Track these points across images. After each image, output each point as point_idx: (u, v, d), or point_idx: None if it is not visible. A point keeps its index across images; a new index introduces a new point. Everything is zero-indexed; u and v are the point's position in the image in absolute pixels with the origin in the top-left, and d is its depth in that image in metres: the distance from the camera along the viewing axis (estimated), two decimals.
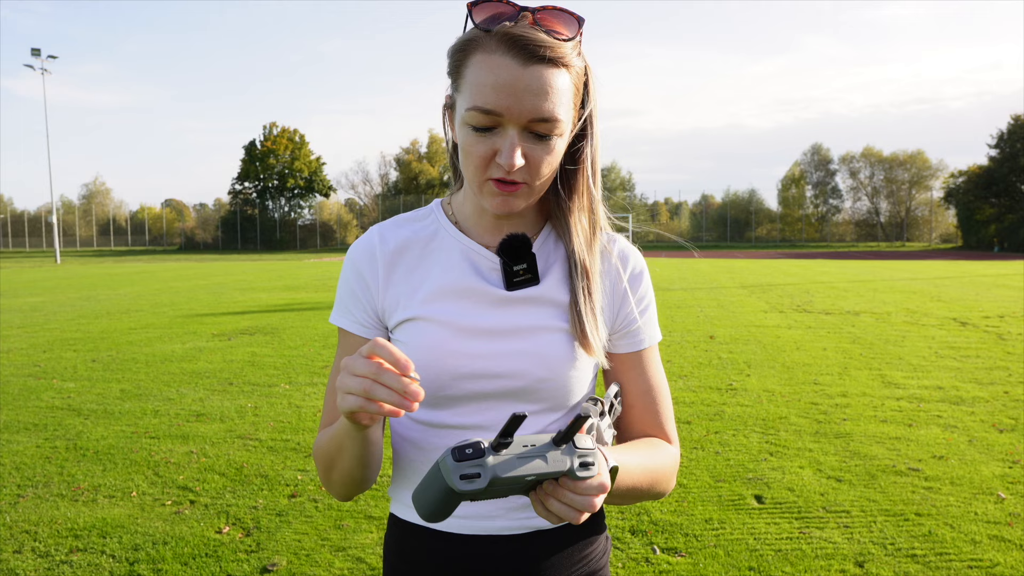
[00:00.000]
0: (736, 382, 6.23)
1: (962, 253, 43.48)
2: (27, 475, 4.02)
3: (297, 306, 12.87)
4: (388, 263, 1.00)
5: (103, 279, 21.71)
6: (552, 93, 0.86)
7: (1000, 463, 4.09)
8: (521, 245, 0.97)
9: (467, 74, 0.88)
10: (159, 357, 7.66)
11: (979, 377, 6.36)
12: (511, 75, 0.84)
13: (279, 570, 2.92)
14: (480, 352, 0.95)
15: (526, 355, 0.95)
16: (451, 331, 0.95)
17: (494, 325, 0.96)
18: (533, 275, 0.97)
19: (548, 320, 0.97)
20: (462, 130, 0.90)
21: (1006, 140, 51.37)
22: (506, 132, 0.87)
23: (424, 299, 0.98)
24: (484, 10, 0.87)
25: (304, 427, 4.92)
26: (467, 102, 0.87)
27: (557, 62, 0.86)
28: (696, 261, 32.53)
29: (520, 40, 0.85)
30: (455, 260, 0.99)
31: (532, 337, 0.96)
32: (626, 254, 1.04)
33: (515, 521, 0.98)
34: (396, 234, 1.02)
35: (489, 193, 0.91)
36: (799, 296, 14.11)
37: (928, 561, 2.94)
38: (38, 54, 42.58)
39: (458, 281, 0.98)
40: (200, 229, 69.48)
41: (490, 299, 0.97)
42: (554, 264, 1.00)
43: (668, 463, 0.98)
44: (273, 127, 65.61)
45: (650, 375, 1.03)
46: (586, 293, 0.97)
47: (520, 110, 0.85)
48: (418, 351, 0.95)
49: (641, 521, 3.34)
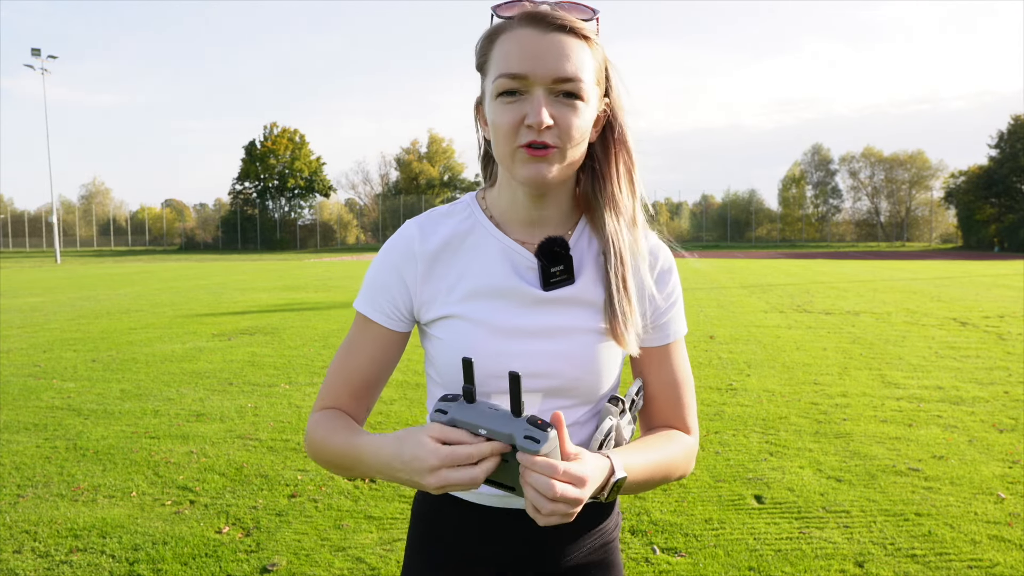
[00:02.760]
0: (736, 382, 6.23)
1: (962, 253, 43.48)
2: (27, 475, 4.02)
3: (297, 306, 12.87)
4: (428, 260, 1.02)
5: (103, 279, 21.72)
6: (573, 56, 0.91)
7: (1000, 463, 4.09)
8: (560, 249, 0.99)
9: (494, 55, 0.93)
10: (159, 357, 7.66)
11: (979, 377, 6.36)
12: (533, 41, 0.90)
13: (279, 570, 2.92)
14: (516, 352, 0.98)
15: (560, 356, 0.99)
16: (488, 331, 0.98)
17: (530, 325, 0.99)
18: (569, 275, 0.99)
19: (582, 321, 1.00)
20: (492, 106, 0.93)
21: (1006, 140, 51.35)
22: (532, 95, 0.90)
23: (462, 297, 1.00)
24: (507, 9, 0.94)
25: (304, 427, 4.91)
26: (495, 74, 0.92)
27: (576, 32, 0.92)
28: (696, 261, 32.55)
29: (539, 14, 0.91)
30: (493, 258, 1.01)
31: (566, 339, 0.99)
32: (656, 251, 1.07)
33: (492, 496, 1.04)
34: (436, 231, 1.03)
35: (521, 160, 0.92)
36: (799, 296, 14.11)
37: (928, 561, 2.94)
38: (38, 54, 42.59)
39: (496, 281, 1.00)
40: (200, 229, 69.51)
41: (527, 299, 0.99)
42: (589, 259, 1.02)
43: (681, 454, 1.03)
44: (273, 127, 65.61)
45: (675, 367, 1.06)
46: (622, 288, 0.99)
47: (544, 70, 0.89)
48: (456, 349, 0.99)
49: (641, 521, 3.34)
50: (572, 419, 1.01)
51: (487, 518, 1.05)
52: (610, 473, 0.88)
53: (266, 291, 16.35)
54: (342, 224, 67.38)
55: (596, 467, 0.85)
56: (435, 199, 61.69)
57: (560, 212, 1.02)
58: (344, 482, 3.86)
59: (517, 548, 1.05)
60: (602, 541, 1.09)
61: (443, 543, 1.08)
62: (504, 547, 1.05)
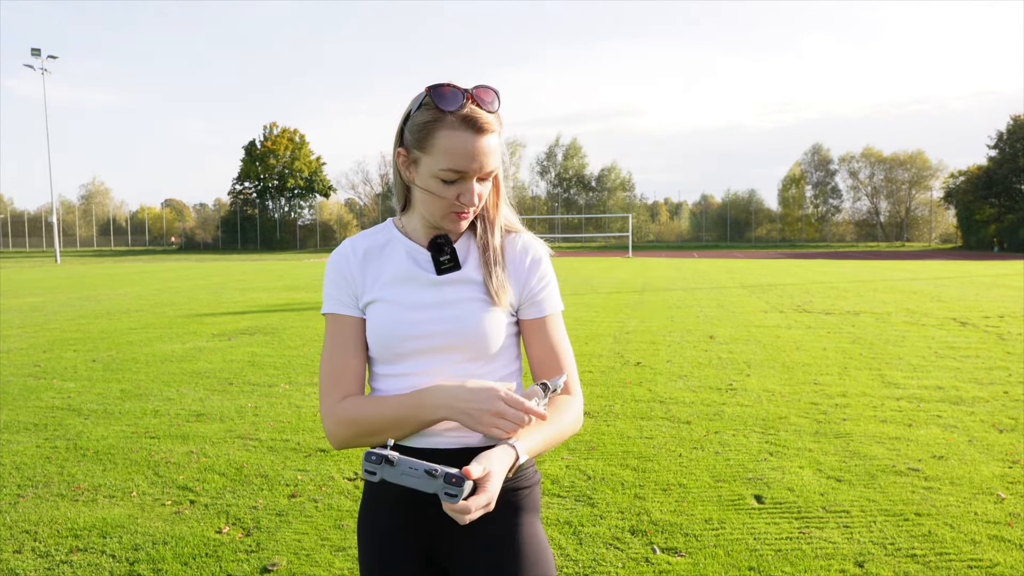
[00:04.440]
0: (736, 382, 6.24)
1: (962, 253, 43.48)
2: (27, 475, 4.02)
3: (297, 306, 12.88)
4: (359, 263, 1.36)
5: (103, 279, 21.72)
6: (494, 152, 1.26)
7: (1000, 463, 4.09)
8: (444, 242, 1.33)
9: (437, 143, 1.23)
10: (159, 357, 7.66)
11: (979, 377, 6.36)
12: (472, 145, 1.23)
13: (279, 570, 2.92)
14: (420, 320, 1.31)
15: (453, 320, 1.31)
16: (400, 307, 1.32)
17: (430, 300, 1.32)
18: (455, 263, 1.33)
19: (468, 294, 1.33)
20: (431, 181, 1.26)
21: (1005, 140, 51.33)
22: (467, 182, 1.25)
23: (381, 286, 1.34)
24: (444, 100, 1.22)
25: (304, 427, 4.92)
26: (441, 164, 1.23)
27: (495, 130, 1.26)
28: (696, 261, 32.53)
29: (473, 120, 1.23)
30: (401, 257, 1.36)
31: (456, 307, 1.32)
32: (527, 246, 1.39)
33: (450, 439, 1.30)
34: (362, 244, 1.39)
35: (451, 220, 1.29)
36: (799, 296, 14.11)
37: (928, 561, 2.94)
38: (38, 54, 42.56)
39: (402, 271, 1.34)
40: (200, 229, 69.49)
41: (426, 282, 1.33)
42: (473, 254, 1.36)
43: (570, 420, 1.35)
44: (273, 127, 65.58)
45: (553, 336, 1.38)
46: (494, 266, 1.33)
47: (478, 167, 1.24)
48: (379, 323, 1.32)
49: (641, 521, 3.34)
50: (465, 372, 1.30)
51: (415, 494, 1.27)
52: (515, 460, 1.21)
53: (266, 291, 16.36)
54: (342, 224, 67.34)
55: (502, 467, 1.18)
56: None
57: None
58: (344, 482, 3.87)
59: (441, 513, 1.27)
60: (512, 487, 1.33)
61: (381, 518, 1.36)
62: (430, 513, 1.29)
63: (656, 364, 7.08)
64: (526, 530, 1.34)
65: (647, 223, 67.98)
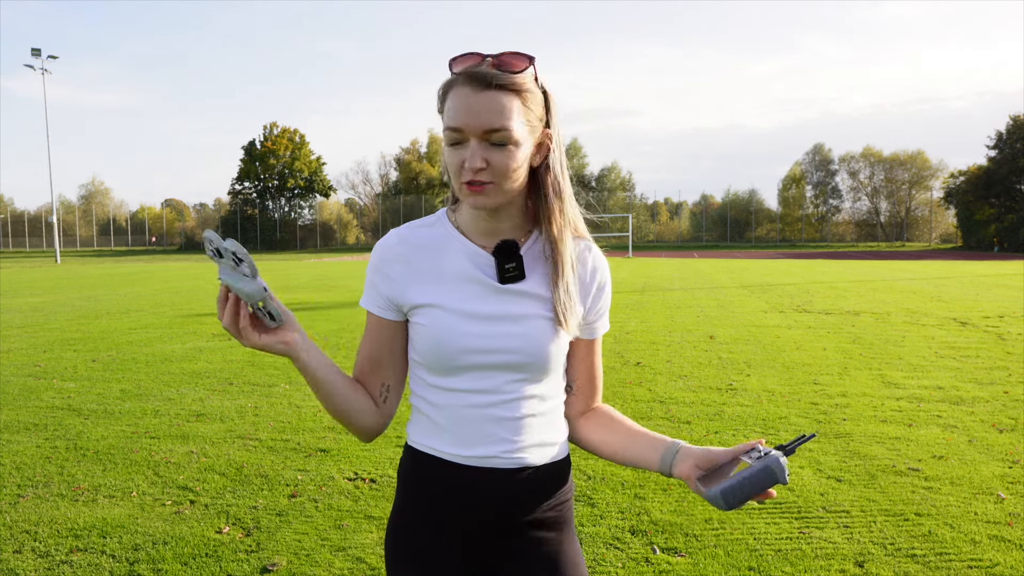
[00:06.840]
0: (736, 382, 6.24)
1: (962, 253, 43.48)
2: (27, 475, 4.02)
3: (297, 306, 12.87)
4: (406, 261, 1.23)
5: (103, 279, 21.72)
6: (502, 111, 1.10)
7: (1000, 463, 4.09)
8: (511, 248, 1.20)
9: (445, 107, 1.14)
10: (159, 357, 7.66)
11: (979, 377, 6.36)
12: (468, 99, 1.10)
13: (279, 570, 2.92)
14: (480, 333, 1.19)
15: (516, 336, 1.20)
16: (457, 316, 1.19)
17: (490, 311, 1.20)
18: (520, 272, 1.20)
19: (534, 309, 1.21)
20: (444, 149, 1.16)
21: (1005, 140, 51.30)
22: (469, 144, 1.12)
23: (436, 290, 1.21)
24: (459, 62, 1.14)
25: (304, 427, 4.92)
26: (444, 125, 1.14)
27: (506, 88, 1.11)
28: (696, 261, 32.53)
29: (477, 74, 1.11)
30: (460, 259, 1.22)
31: (523, 323, 1.20)
32: (596, 266, 1.30)
33: (507, 458, 1.23)
34: (412, 238, 1.26)
35: (465, 194, 1.14)
36: (799, 296, 14.11)
37: (928, 561, 2.94)
38: (38, 54, 42.54)
39: (462, 276, 1.21)
40: (200, 229, 69.39)
41: (487, 289, 1.21)
42: (539, 263, 1.23)
43: None
44: (273, 127, 65.54)
45: (595, 357, 1.34)
46: (564, 285, 1.22)
47: (477, 124, 1.10)
48: (432, 331, 1.20)
49: (641, 521, 3.34)
50: (524, 392, 1.22)
51: (467, 474, 1.23)
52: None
53: None
54: (342, 224, 67.36)
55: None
56: (435, 199, 61.62)
57: (512, 224, 1.23)
58: (344, 482, 3.87)
59: (492, 502, 1.23)
60: (558, 502, 1.30)
61: (426, 503, 1.26)
62: (481, 502, 1.23)
63: (656, 364, 7.08)
64: (574, 547, 1.32)
65: (647, 223, 67.91)
